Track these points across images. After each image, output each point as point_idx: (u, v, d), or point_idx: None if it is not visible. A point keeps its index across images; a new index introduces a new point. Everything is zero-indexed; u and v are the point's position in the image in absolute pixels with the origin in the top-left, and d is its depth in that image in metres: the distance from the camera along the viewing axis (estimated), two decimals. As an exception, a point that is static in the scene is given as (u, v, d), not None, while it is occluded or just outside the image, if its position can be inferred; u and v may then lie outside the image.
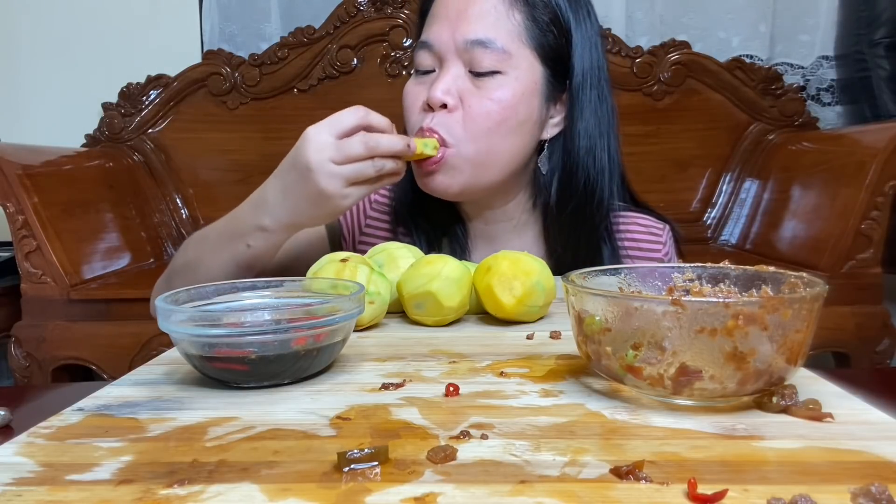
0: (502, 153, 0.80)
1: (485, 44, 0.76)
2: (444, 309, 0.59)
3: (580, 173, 0.82)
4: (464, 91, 0.78)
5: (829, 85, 2.12)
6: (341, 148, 0.68)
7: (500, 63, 0.77)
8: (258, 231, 0.73)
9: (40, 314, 1.61)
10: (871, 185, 1.50)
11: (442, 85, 0.77)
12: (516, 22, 0.78)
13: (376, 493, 0.29)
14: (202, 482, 0.30)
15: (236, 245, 0.75)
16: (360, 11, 2.06)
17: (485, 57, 0.77)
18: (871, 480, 0.28)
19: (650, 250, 0.89)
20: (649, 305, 0.38)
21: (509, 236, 0.89)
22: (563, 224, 0.85)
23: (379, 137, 0.70)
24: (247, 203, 0.76)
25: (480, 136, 0.78)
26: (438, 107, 0.77)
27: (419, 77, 0.82)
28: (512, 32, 0.78)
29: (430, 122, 0.77)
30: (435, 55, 0.80)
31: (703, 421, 0.37)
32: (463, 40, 0.77)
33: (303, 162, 0.69)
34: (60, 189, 1.67)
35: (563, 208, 0.84)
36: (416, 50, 0.82)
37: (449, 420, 0.37)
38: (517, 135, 0.80)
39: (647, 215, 0.91)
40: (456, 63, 0.78)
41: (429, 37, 0.80)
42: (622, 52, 2.03)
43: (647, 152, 2.02)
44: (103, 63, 2.11)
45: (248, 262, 0.76)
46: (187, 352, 0.44)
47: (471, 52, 0.77)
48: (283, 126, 2.05)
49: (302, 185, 0.70)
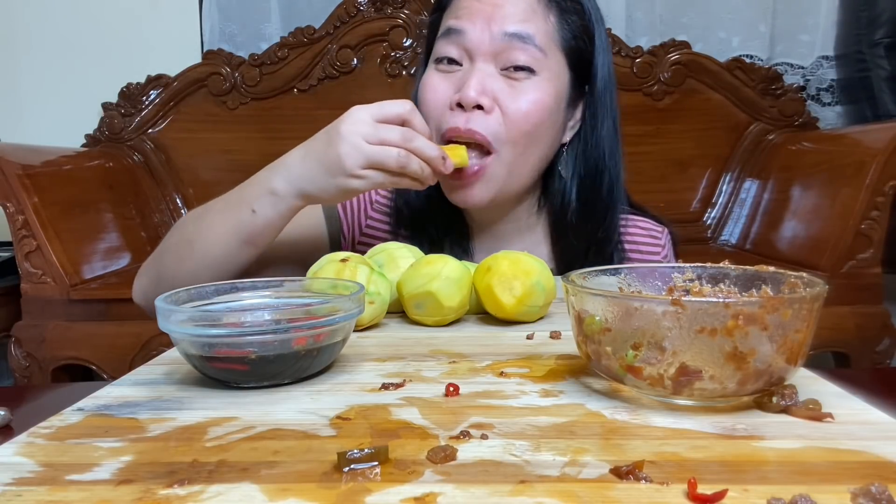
0: (533, 158, 0.79)
1: (524, 38, 0.74)
2: (444, 309, 0.59)
3: (605, 176, 0.82)
4: (497, 91, 0.75)
5: (829, 85, 2.12)
6: (378, 128, 0.67)
7: (535, 62, 0.75)
8: (267, 195, 0.71)
9: (40, 314, 1.61)
10: (871, 185, 1.50)
11: (475, 84, 0.74)
12: (551, 24, 0.76)
13: (376, 493, 0.29)
14: (202, 482, 0.30)
15: (241, 211, 0.72)
16: (360, 11, 2.06)
17: (521, 54, 0.74)
18: (871, 480, 0.28)
19: (650, 253, 0.89)
20: (649, 305, 0.38)
21: (513, 238, 0.88)
22: (580, 228, 0.83)
23: (416, 135, 0.69)
24: (263, 170, 0.74)
25: (518, 140, 0.76)
26: (472, 107, 0.74)
27: (442, 69, 0.79)
28: (547, 33, 0.76)
29: (466, 123, 0.74)
30: (465, 47, 0.77)
31: (703, 421, 0.37)
32: (501, 32, 0.74)
33: (335, 128, 0.68)
34: (60, 189, 1.67)
35: (586, 212, 0.82)
36: (442, 39, 0.79)
37: (449, 420, 0.37)
38: (546, 139, 0.79)
39: (647, 218, 0.91)
40: (487, 60, 0.76)
41: (459, 25, 0.76)
42: (622, 52, 2.03)
43: (647, 152, 2.02)
44: (103, 63, 2.11)
45: (250, 233, 0.72)
46: (187, 352, 0.44)
47: (506, 47, 0.74)
48: (283, 126, 2.05)
49: (324, 149, 0.68)
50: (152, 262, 0.82)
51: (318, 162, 0.69)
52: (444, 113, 0.77)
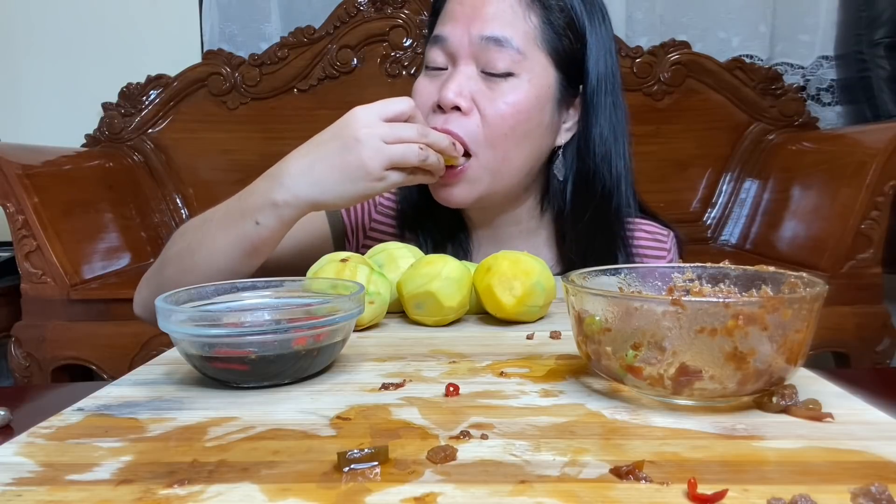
0: (517, 159, 0.78)
1: (500, 42, 0.75)
2: (444, 309, 0.59)
3: (597, 180, 0.82)
4: (476, 93, 0.76)
5: (829, 85, 2.12)
6: (394, 128, 0.67)
7: (513, 65, 0.75)
8: (271, 206, 0.68)
9: (40, 314, 1.61)
10: (871, 185, 1.50)
11: (454, 86, 0.75)
12: (532, 24, 0.76)
13: (376, 493, 0.29)
14: (202, 482, 0.30)
15: (244, 222, 0.70)
16: (360, 11, 2.06)
17: (499, 57, 0.75)
18: (871, 480, 0.28)
19: (655, 257, 0.88)
20: (649, 305, 0.38)
21: (516, 241, 0.87)
22: (580, 232, 0.83)
23: (428, 129, 0.70)
24: (260, 178, 0.71)
25: (497, 142, 0.76)
26: (450, 108, 0.75)
27: (431, 75, 0.80)
28: (527, 34, 0.76)
29: (444, 124, 0.75)
30: (448, 52, 0.78)
31: (703, 421, 0.37)
32: (478, 36, 0.75)
33: (349, 134, 0.67)
34: (60, 189, 1.67)
35: (579, 215, 0.82)
36: (429, 46, 0.80)
37: (449, 420, 0.37)
38: (531, 140, 0.79)
39: (653, 222, 0.91)
40: (468, 63, 0.76)
41: (442, 32, 0.78)
42: (622, 52, 2.03)
43: (647, 152, 2.02)
44: (103, 63, 2.11)
45: (254, 244, 0.70)
46: (187, 352, 0.44)
47: (485, 50, 0.75)
48: (283, 126, 2.05)
49: (341, 157, 0.67)
50: (153, 275, 0.81)
51: (334, 170, 0.67)
52: (428, 116, 0.78)
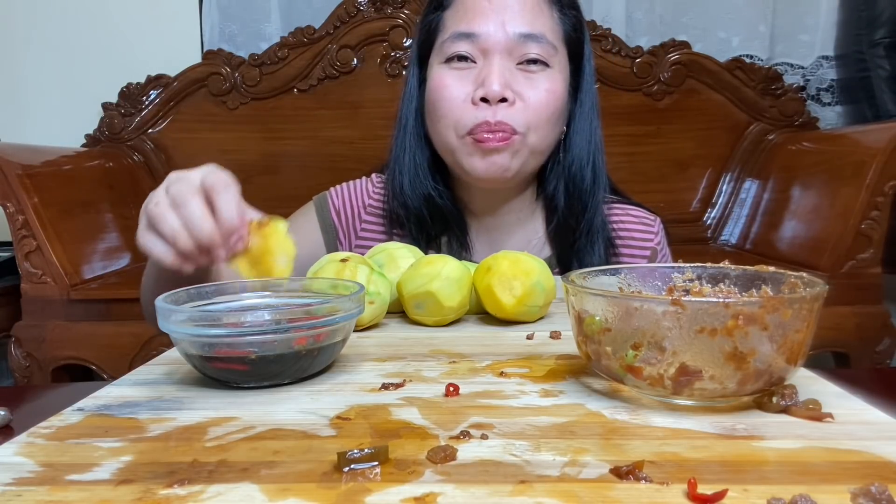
0: (549, 142, 0.83)
1: (537, 38, 0.79)
2: (444, 309, 0.59)
3: (590, 160, 0.86)
4: (515, 84, 0.79)
5: (829, 85, 2.12)
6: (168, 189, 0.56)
7: (548, 57, 0.80)
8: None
9: (40, 314, 1.61)
10: (871, 185, 1.50)
11: (499, 79, 0.78)
12: (555, 19, 0.82)
13: (376, 493, 0.29)
14: (202, 482, 0.30)
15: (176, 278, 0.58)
16: (360, 11, 2.06)
17: (537, 50, 0.79)
18: (871, 480, 0.28)
19: (643, 240, 0.91)
20: (649, 305, 0.38)
21: (513, 229, 0.90)
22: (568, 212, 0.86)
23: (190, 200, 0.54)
24: None
25: (540, 126, 0.80)
26: (497, 101, 0.78)
27: (455, 67, 0.81)
28: (554, 29, 0.82)
29: (497, 117, 0.78)
30: (481, 48, 0.80)
31: (703, 421, 0.37)
32: (515, 34, 0.79)
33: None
34: (60, 189, 1.67)
35: (572, 200, 0.86)
36: (454, 40, 0.81)
37: (449, 420, 0.37)
38: (559, 126, 0.84)
39: (636, 207, 0.95)
40: (504, 56, 0.79)
41: (474, 28, 0.80)
42: (622, 52, 2.02)
43: (647, 152, 2.02)
44: (103, 63, 2.11)
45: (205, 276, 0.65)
46: (187, 352, 0.44)
47: (521, 45, 0.79)
48: (283, 126, 2.05)
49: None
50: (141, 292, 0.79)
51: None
52: (464, 109, 0.79)
